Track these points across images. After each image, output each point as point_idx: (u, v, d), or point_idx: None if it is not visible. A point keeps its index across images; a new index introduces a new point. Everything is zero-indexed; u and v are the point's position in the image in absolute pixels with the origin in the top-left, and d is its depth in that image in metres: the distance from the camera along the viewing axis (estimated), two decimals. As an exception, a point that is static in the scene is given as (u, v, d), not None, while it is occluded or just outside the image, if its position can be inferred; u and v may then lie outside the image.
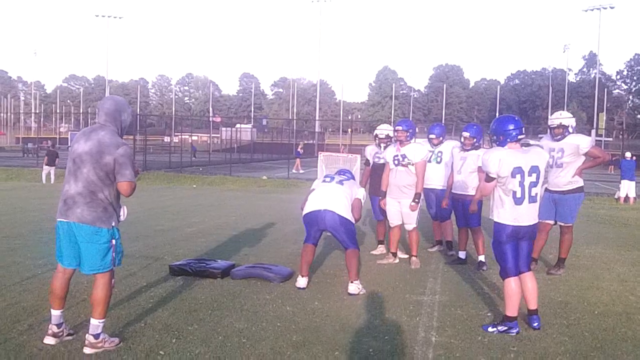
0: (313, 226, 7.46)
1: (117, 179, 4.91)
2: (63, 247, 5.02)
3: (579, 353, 5.21)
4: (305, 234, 7.59)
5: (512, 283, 5.72)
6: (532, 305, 5.85)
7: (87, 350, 4.91)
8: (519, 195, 5.59)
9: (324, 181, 7.82)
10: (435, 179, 9.42)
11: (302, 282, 7.24)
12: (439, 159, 9.39)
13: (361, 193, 7.75)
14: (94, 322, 4.96)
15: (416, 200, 8.46)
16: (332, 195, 7.44)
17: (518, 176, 5.56)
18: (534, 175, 5.63)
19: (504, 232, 5.69)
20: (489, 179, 5.64)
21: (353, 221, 7.39)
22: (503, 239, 5.71)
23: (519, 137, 5.73)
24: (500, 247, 5.77)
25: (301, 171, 35.75)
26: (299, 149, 42.03)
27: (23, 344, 5.03)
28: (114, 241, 5.02)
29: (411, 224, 8.66)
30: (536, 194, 5.70)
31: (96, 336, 4.95)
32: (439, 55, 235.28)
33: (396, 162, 8.49)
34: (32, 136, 76.08)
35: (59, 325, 5.08)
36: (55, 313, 5.07)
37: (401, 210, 8.61)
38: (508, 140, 5.69)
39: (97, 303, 4.98)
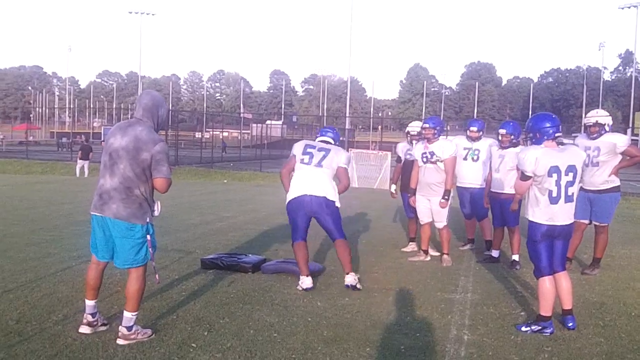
0: (299, 212, 7.15)
1: (153, 175, 4.92)
2: (97, 241, 5.06)
3: (615, 355, 5.13)
4: (292, 230, 7.26)
5: (546, 282, 5.65)
6: (567, 305, 5.78)
7: (120, 342, 4.95)
8: (554, 194, 5.51)
9: (302, 161, 7.26)
10: (470, 178, 9.32)
11: (307, 282, 6.96)
12: (475, 157, 9.24)
13: (345, 159, 7.29)
14: (127, 314, 5.00)
15: (446, 197, 8.36)
16: (314, 179, 7.11)
17: (555, 175, 5.48)
18: (571, 174, 5.55)
19: (538, 231, 5.62)
20: (524, 177, 5.57)
21: (338, 202, 7.19)
22: (537, 238, 5.64)
23: (556, 135, 5.66)
24: (534, 246, 5.70)
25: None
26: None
27: (58, 333, 5.09)
28: (149, 237, 5.04)
29: (442, 221, 8.59)
30: (573, 194, 5.62)
31: (129, 328, 4.99)
32: (471, 53, 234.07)
33: (425, 159, 8.41)
34: (67, 131, 76.94)
35: (93, 315, 5.13)
36: (89, 303, 5.12)
37: (431, 208, 8.54)
38: (545, 138, 5.61)
39: (131, 296, 5.02)
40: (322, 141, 7.42)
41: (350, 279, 7.02)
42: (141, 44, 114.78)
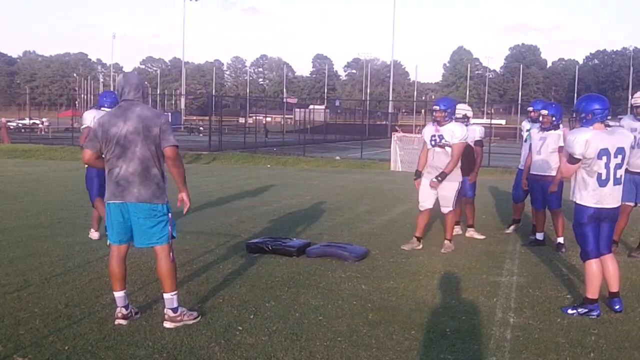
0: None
1: (162, 145, 4.96)
2: (115, 226, 5.10)
3: (664, 337, 5.07)
4: None
5: (593, 265, 5.59)
6: (614, 288, 5.71)
7: (167, 325, 5.03)
8: (604, 177, 5.44)
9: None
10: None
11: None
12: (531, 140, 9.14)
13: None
14: (166, 296, 5.09)
15: (439, 178, 7.98)
16: None
17: (604, 158, 5.40)
18: (620, 156, 5.47)
19: (585, 214, 5.56)
20: (573, 160, 5.48)
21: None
22: (584, 220, 5.57)
23: (606, 117, 5.58)
24: (581, 229, 5.64)
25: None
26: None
27: (106, 317, 5.20)
28: (170, 215, 5.12)
29: (448, 206, 8.25)
30: (621, 176, 5.54)
31: (174, 310, 5.07)
32: (515, 35, 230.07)
33: (433, 142, 8.13)
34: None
35: (126, 307, 5.15)
36: (119, 295, 5.13)
37: (438, 193, 8.23)
38: (595, 119, 5.52)
39: (165, 276, 5.09)
40: None
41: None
42: (184, 30, 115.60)
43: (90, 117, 8.17)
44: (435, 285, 6.56)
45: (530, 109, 9.40)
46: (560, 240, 8.45)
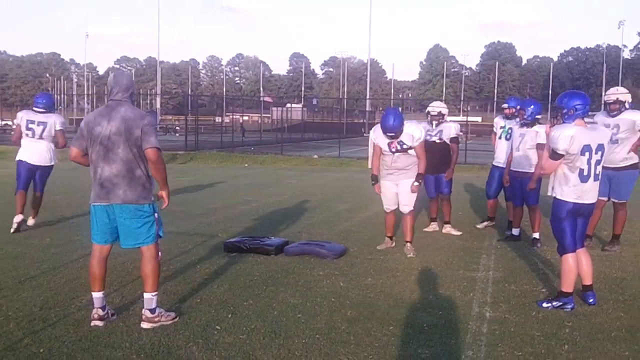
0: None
1: (144, 146, 4.95)
2: (100, 227, 5.09)
3: (635, 328, 5.15)
4: None
5: (569, 259, 5.66)
6: (588, 281, 5.80)
7: (144, 325, 5.02)
8: (585, 172, 5.51)
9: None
10: (503, 157, 9.29)
11: None
12: (507, 136, 9.23)
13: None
14: (147, 295, 5.08)
15: (419, 180, 7.85)
16: None
17: (587, 154, 5.47)
18: (599, 153, 5.56)
19: (565, 208, 5.61)
20: (556, 156, 5.51)
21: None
22: (563, 215, 5.63)
23: (587, 113, 5.66)
24: (560, 224, 5.69)
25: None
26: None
27: (82, 319, 5.17)
28: (156, 215, 5.13)
29: (409, 205, 8.00)
30: (599, 172, 5.63)
31: (152, 310, 5.06)
32: (490, 33, 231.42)
33: (394, 149, 7.80)
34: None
35: (103, 308, 5.12)
36: (97, 295, 5.12)
37: (398, 192, 7.99)
38: (577, 115, 5.59)
39: (147, 276, 5.08)
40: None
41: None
42: (159, 29, 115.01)
43: (20, 116, 9.23)
44: (413, 281, 6.61)
45: (505, 105, 9.50)
46: (536, 235, 8.55)
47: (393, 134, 7.57)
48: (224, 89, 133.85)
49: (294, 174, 20.38)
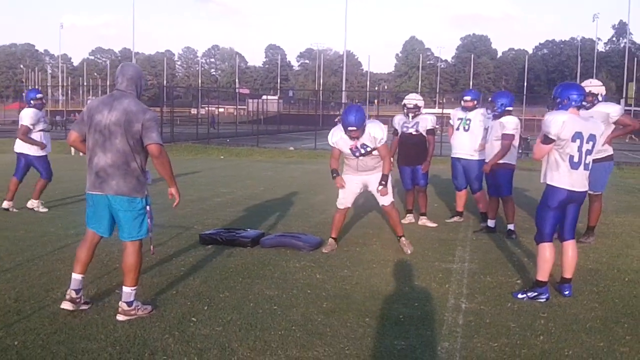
0: None
1: (144, 142, 4.93)
2: (96, 217, 5.09)
3: (609, 319, 5.21)
4: None
5: (546, 248, 5.71)
6: (568, 274, 5.84)
7: (120, 318, 4.99)
8: (576, 159, 5.56)
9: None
10: (462, 148, 9.36)
11: None
12: (466, 127, 9.28)
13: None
14: (126, 289, 5.04)
15: (383, 182, 7.45)
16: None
17: (578, 141, 5.53)
18: (591, 143, 5.62)
19: (557, 196, 5.64)
20: (547, 140, 5.57)
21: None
22: (554, 204, 5.66)
23: (581, 104, 5.72)
24: (546, 212, 5.72)
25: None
26: (336, 121, 41.80)
27: (57, 311, 5.11)
28: (148, 208, 5.10)
29: (388, 197, 7.61)
30: (589, 162, 5.69)
31: (129, 304, 5.02)
32: (466, 25, 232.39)
33: (357, 153, 7.44)
34: (60, 109, 76.51)
35: (77, 292, 5.10)
36: (76, 277, 5.10)
37: (371, 188, 7.65)
38: (571, 104, 5.64)
39: (129, 270, 5.05)
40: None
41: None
42: (134, 19, 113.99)
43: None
44: (389, 273, 6.62)
45: (468, 98, 9.48)
46: (511, 227, 8.61)
47: (354, 128, 7.14)
48: (200, 81, 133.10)
49: (270, 166, 20.34)
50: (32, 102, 10.09)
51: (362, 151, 7.41)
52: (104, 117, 4.93)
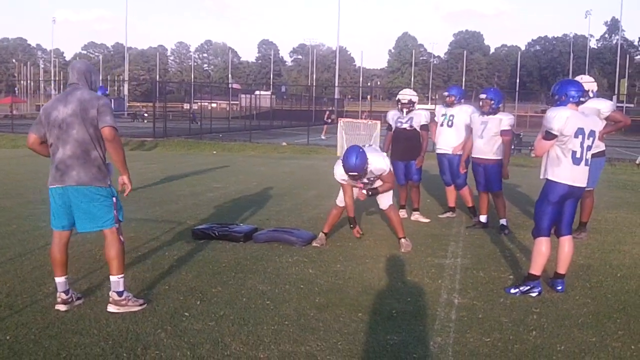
0: None
1: (100, 125, 4.91)
2: (57, 211, 5.05)
3: (602, 314, 5.23)
4: None
5: (543, 243, 5.73)
6: (562, 270, 5.87)
7: (111, 308, 4.99)
8: (578, 155, 5.58)
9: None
10: (446, 143, 9.47)
11: None
12: (450, 123, 9.37)
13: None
14: (113, 278, 5.04)
15: (370, 193, 7.37)
16: None
17: (580, 137, 5.55)
18: (591, 139, 5.66)
19: (558, 191, 5.65)
20: (549, 136, 5.57)
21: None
22: (555, 199, 5.68)
23: (579, 100, 5.73)
24: (545, 207, 5.72)
25: (323, 137, 35.64)
26: (326, 118, 41.77)
27: (49, 306, 5.11)
28: (114, 199, 5.07)
29: (387, 201, 7.65)
30: (589, 158, 5.71)
31: (119, 293, 5.02)
32: (459, 22, 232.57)
33: (364, 188, 7.38)
34: (53, 104, 75.98)
35: (66, 292, 5.09)
36: (60, 280, 5.08)
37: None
38: (570, 101, 5.66)
39: (112, 259, 5.03)
40: None
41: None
42: (127, 14, 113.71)
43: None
44: (382, 268, 6.63)
45: (446, 94, 9.56)
46: (503, 222, 8.63)
47: (355, 174, 6.99)
48: (192, 76, 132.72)
49: (263, 162, 20.32)
50: None
51: (371, 185, 7.39)
52: (60, 112, 4.94)
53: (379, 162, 7.22)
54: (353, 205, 7.56)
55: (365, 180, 7.26)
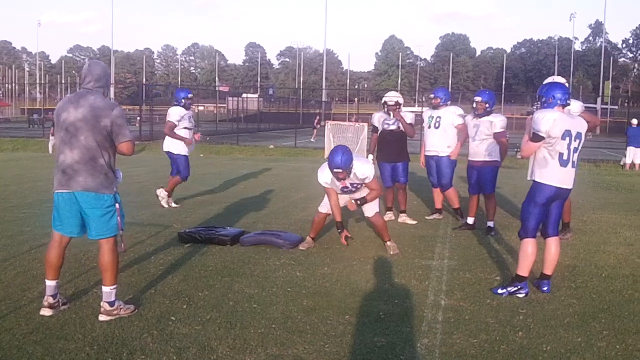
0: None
1: (118, 140, 4.90)
2: (64, 217, 5.00)
3: (587, 315, 5.25)
4: None
5: (529, 244, 5.74)
6: (549, 271, 5.88)
7: (102, 318, 4.93)
8: (565, 157, 5.60)
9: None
10: (433, 145, 9.46)
11: None
12: (437, 124, 9.36)
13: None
14: (105, 289, 4.98)
15: (359, 202, 7.37)
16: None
17: (567, 139, 5.57)
18: (577, 141, 5.67)
19: (545, 192, 5.67)
20: (537, 138, 5.57)
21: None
22: (542, 200, 5.69)
23: (566, 102, 5.75)
24: (532, 208, 5.73)
25: (312, 140, 35.67)
26: (315, 123, 41.87)
27: (34, 311, 5.06)
28: (117, 205, 5.03)
29: (372, 209, 7.56)
30: (576, 160, 5.74)
31: (111, 303, 4.97)
32: (445, 24, 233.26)
33: (348, 192, 7.44)
34: (38, 107, 75.72)
35: (54, 297, 5.04)
36: (51, 284, 5.03)
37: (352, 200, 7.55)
38: (557, 103, 5.67)
39: (105, 269, 4.99)
40: None
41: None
42: (113, 17, 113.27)
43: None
44: (369, 270, 6.63)
45: (432, 96, 9.60)
46: (491, 224, 8.66)
47: (340, 170, 6.93)
48: (179, 79, 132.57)
49: (250, 164, 20.28)
50: (182, 100, 10.67)
51: (353, 190, 7.37)
52: (69, 115, 4.88)
53: (364, 167, 7.17)
54: (339, 209, 7.49)
55: (348, 185, 7.23)
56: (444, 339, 4.67)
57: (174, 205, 10.63)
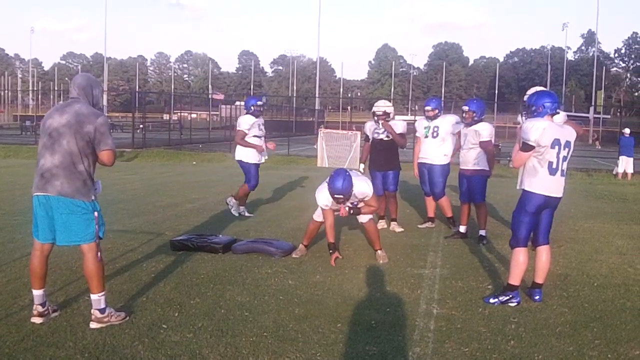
0: None
1: (100, 147, 4.91)
2: (39, 222, 4.97)
3: (579, 324, 5.26)
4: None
5: (521, 253, 5.75)
6: (540, 280, 5.89)
7: (93, 325, 4.91)
8: (554, 165, 5.62)
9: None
10: (427, 153, 9.46)
11: None
12: (435, 134, 9.36)
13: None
14: (93, 297, 4.96)
15: (352, 211, 7.30)
16: None
17: (556, 147, 5.59)
18: (567, 150, 5.69)
19: (534, 201, 5.68)
20: (527, 147, 5.60)
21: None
22: (531, 209, 5.70)
23: (555, 111, 5.78)
24: (522, 217, 5.75)
25: (315, 147, 35.63)
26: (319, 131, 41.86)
27: (25, 318, 5.05)
28: (96, 213, 4.99)
29: (367, 215, 7.57)
30: (565, 169, 5.75)
31: (102, 311, 4.95)
32: (438, 33, 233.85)
33: (348, 212, 7.32)
34: (30, 114, 75.50)
35: (43, 305, 5.02)
36: (37, 293, 5.01)
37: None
38: (546, 112, 5.70)
39: (91, 276, 4.95)
40: None
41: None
42: (106, 24, 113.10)
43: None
44: (361, 278, 6.62)
45: (429, 108, 9.56)
46: (482, 232, 8.67)
47: (341, 196, 6.96)
48: (172, 86, 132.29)
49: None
50: (252, 108, 10.63)
51: (352, 206, 7.29)
52: (54, 121, 4.91)
53: (363, 186, 7.20)
54: (334, 231, 7.48)
55: (349, 205, 7.24)
56: (435, 348, 4.67)
57: (247, 214, 10.66)
